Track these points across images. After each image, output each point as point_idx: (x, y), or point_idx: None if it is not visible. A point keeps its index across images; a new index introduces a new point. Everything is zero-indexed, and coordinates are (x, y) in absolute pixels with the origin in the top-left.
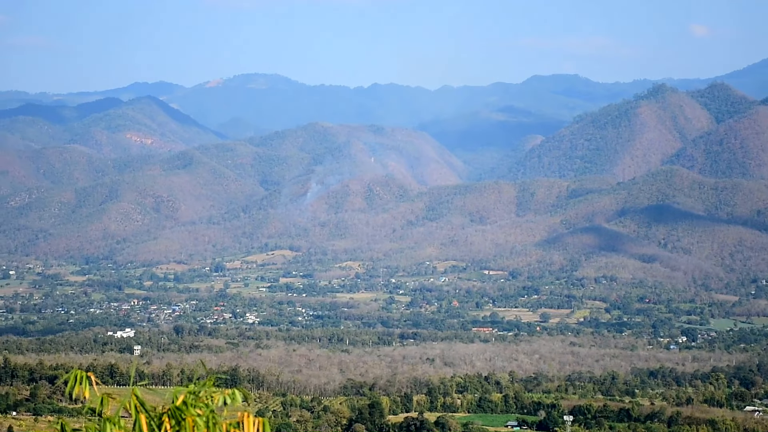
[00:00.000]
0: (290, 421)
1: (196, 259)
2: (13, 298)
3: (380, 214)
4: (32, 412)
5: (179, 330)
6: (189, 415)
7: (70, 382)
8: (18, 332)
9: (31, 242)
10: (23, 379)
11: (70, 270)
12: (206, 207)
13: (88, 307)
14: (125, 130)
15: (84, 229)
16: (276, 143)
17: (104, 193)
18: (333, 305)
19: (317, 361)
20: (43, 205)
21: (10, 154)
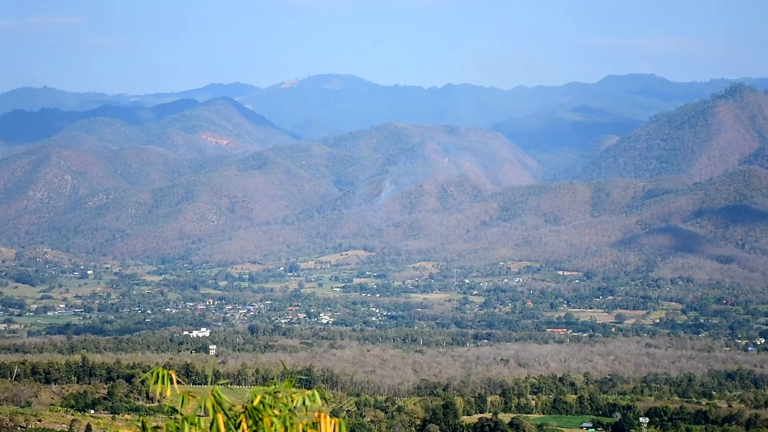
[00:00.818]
0: (364, 421)
1: (270, 259)
2: (91, 297)
3: (454, 214)
4: (110, 411)
5: (254, 330)
6: (266, 416)
7: (152, 380)
8: (96, 331)
9: (109, 242)
10: (101, 378)
11: (147, 270)
12: (281, 207)
13: (165, 307)
14: (201, 131)
15: (160, 230)
16: (350, 144)
17: (180, 194)
18: (407, 305)
19: (391, 361)
20: (121, 205)
21: (88, 155)
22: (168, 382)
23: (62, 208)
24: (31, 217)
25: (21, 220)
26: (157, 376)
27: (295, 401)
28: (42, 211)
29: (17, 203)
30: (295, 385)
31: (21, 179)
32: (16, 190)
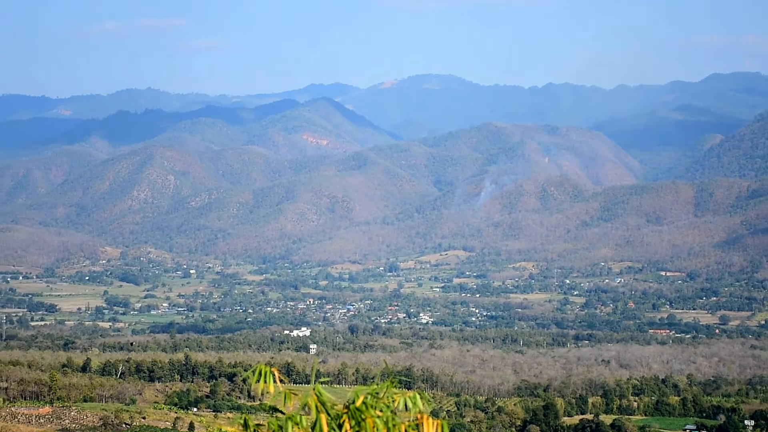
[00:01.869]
0: (464, 422)
1: (370, 259)
2: (193, 296)
3: (554, 214)
4: (212, 409)
5: (354, 329)
6: (369, 416)
7: (254, 377)
8: (198, 330)
9: (211, 242)
10: (203, 377)
11: (248, 269)
12: (380, 207)
13: (266, 306)
14: (301, 131)
15: (261, 229)
16: (450, 143)
17: (281, 194)
18: (507, 306)
19: (491, 361)
20: (222, 205)
21: (191, 155)
22: (270, 379)
23: (165, 208)
24: (135, 217)
25: (125, 220)
26: (259, 374)
27: (397, 403)
28: (146, 211)
29: (122, 203)
30: (396, 386)
31: (125, 179)
32: (120, 191)
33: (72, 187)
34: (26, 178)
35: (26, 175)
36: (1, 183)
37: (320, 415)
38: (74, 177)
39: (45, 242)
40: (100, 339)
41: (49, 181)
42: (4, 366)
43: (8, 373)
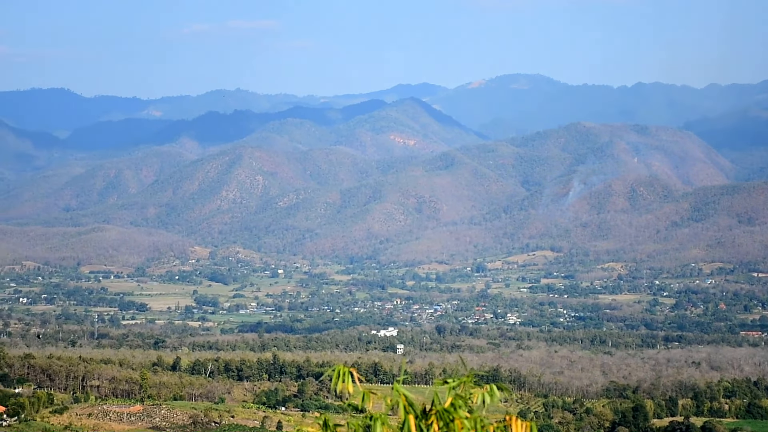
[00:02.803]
0: (552, 423)
1: (457, 260)
2: (281, 296)
3: (643, 214)
4: (300, 408)
5: (441, 329)
6: (458, 417)
7: (334, 377)
8: (286, 330)
9: (299, 242)
10: (291, 376)
11: (336, 269)
12: (467, 207)
13: (353, 306)
14: (389, 132)
15: (348, 229)
16: (537, 143)
17: (368, 194)
18: (595, 306)
19: (579, 362)
20: (310, 205)
21: (279, 155)
22: (350, 380)
23: (254, 208)
24: (224, 217)
25: (214, 220)
26: (338, 373)
27: (475, 399)
28: (234, 211)
29: (211, 203)
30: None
31: (215, 180)
32: (210, 191)
33: (162, 188)
34: (117, 179)
35: (117, 175)
36: (93, 183)
37: (408, 415)
38: (164, 177)
39: (136, 242)
40: (189, 338)
41: (139, 182)
42: (96, 364)
43: (100, 371)
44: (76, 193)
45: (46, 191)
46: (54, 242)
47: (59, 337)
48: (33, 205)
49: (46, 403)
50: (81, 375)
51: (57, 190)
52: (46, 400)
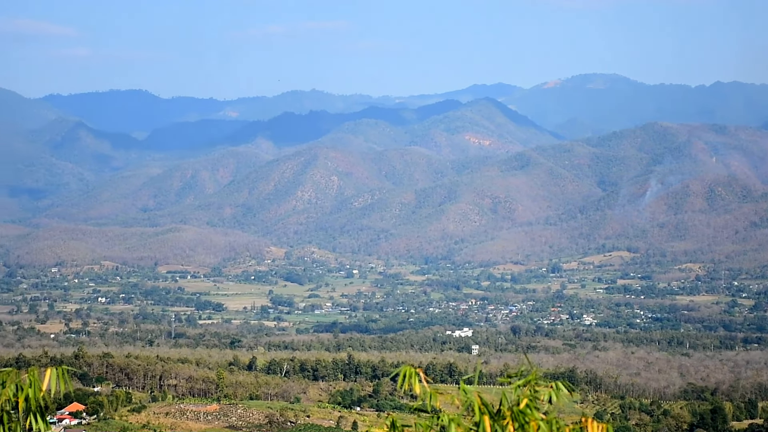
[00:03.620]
0: (629, 425)
1: (532, 260)
2: (356, 296)
3: (722, 215)
4: (375, 408)
5: (516, 330)
6: (533, 419)
7: (400, 378)
8: (361, 330)
9: (373, 242)
10: (366, 376)
11: (410, 269)
12: (543, 208)
13: (428, 306)
14: (464, 132)
15: (423, 230)
16: (614, 143)
17: (443, 194)
18: (672, 307)
19: (656, 364)
20: (385, 205)
21: (354, 155)
22: (416, 380)
23: (329, 209)
24: (300, 217)
25: (290, 220)
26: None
27: (542, 398)
28: (310, 212)
29: (286, 204)
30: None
31: (290, 180)
32: (285, 191)
33: (238, 188)
34: (194, 179)
35: (194, 176)
36: (171, 184)
37: (483, 416)
38: (240, 178)
39: (212, 242)
40: (265, 338)
41: (216, 182)
42: (173, 363)
43: (177, 370)
44: (153, 193)
45: (124, 192)
46: (132, 242)
47: (137, 336)
48: (111, 205)
49: (125, 402)
50: (158, 374)
51: (135, 191)
52: (125, 399)
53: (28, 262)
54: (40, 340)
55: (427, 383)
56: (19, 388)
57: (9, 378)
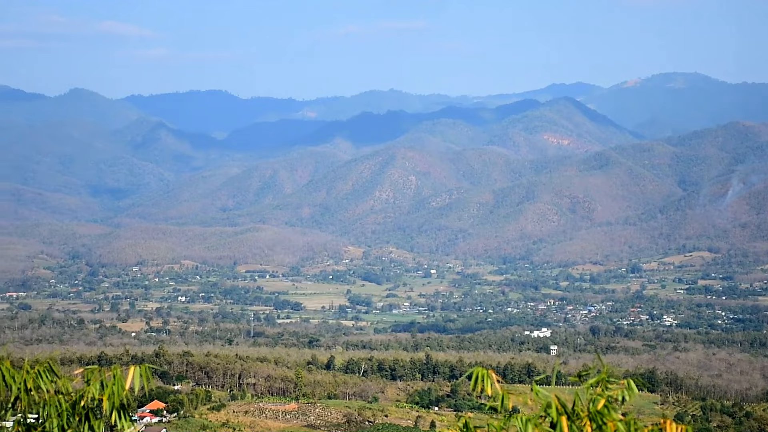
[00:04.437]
0: (710, 426)
1: (611, 260)
2: (434, 296)
3: None
4: (453, 408)
5: (595, 331)
6: (610, 420)
7: (473, 380)
8: (439, 329)
9: (451, 242)
10: (444, 376)
11: (488, 269)
12: (622, 208)
13: (506, 307)
14: (542, 131)
15: (501, 230)
16: (695, 143)
17: (521, 194)
18: (755, 309)
19: (738, 365)
20: (463, 205)
21: (432, 155)
22: (488, 381)
23: (407, 208)
24: (377, 217)
25: (368, 220)
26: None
27: (616, 395)
28: (387, 211)
29: (364, 203)
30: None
31: (368, 180)
32: (363, 191)
33: (316, 188)
34: (273, 179)
35: (273, 176)
36: (250, 184)
37: (561, 417)
38: (318, 177)
39: (290, 242)
40: (343, 337)
41: (294, 182)
42: (252, 362)
43: (256, 369)
44: (232, 193)
45: (203, 191)
46: (211, 242)
47: (216, 335)
48: (191, 205)
49: (204, 400)
50: (237, 373)
51: (214, 191)
52: (204, 397)
53: (109, 261)
54: (121, 339)
55: (499, 384)
56: (104, 385)
57: (93, 376)
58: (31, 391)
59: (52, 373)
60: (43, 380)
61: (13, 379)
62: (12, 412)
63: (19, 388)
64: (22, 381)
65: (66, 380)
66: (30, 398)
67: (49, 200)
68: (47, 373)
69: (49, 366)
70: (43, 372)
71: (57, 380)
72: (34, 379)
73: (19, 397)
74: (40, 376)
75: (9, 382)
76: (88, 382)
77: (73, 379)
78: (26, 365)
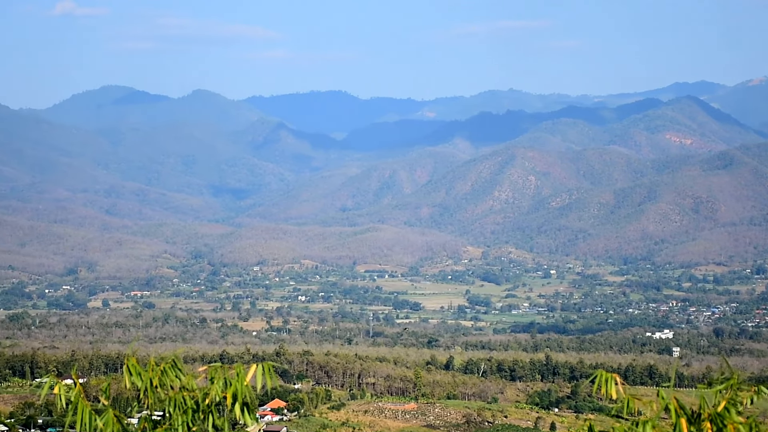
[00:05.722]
0: None
1: (736, 261)
2: (554, 296)
3: None
4: (573, 410)
5: (719, 332)
6: (730, 422)
7: (596, 383)
8: (559, 330)
9: (571, 242)
10: (564, 377)
11: (609, 270)
12: (747, 208)
13: (627, 308)
14: (664, 131)
15: (622, 230)
16: None
17: (642, 194)
18: None
19: None
20: (583, 205)
21: (551, 155)
22: (612, 384)
23: (526, 209)
24: (497, 217)
25: (487, 220)
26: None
27: (745, 401)
28: (507, 212)
29: (483, 204)
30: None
31: (487, 180)
32: (482, 191)
33: (435, 188)
34: (392, 179)
35: (392, 175)
36: (369, 184)
37: (680, 419)
38: (437, 177)
39: (409, 241)
40: (462, 337)
41: (413, 182)
42: (371, 362)
43: (375, 369)
44: (352, 193)
45: (323, 191)
46: (331, 242)
47: (336, 334)
48: (311, 205)
49: (324, 399)
50: (357, 372)
51: (334, 191)
52: (324, 396)
53: (231, 260)
54: (242, 338)
55: (623, 388)
56: (227, 383)
57: (217, 374)
58: (157, 388)
59: (177, 370)
60: (169, 378)
61: (140, 376)
62: (138, 408)
63: (145, 385)
64: (148, 378)
65: (190, 378)
66: (156, 395)
67: (172, 200)
68: (172, 370)
69: (174, 363)
70: (169, 369)
71: (182, 378)
72: (160, 376)
73: (146, 394)
74: (166, 374)
75: (135, 380)
76: (212, 379)
77: (197, 377)
78: (152, 363)
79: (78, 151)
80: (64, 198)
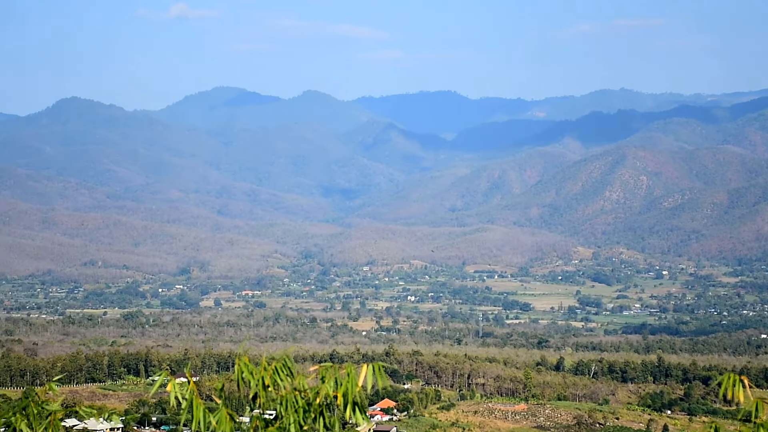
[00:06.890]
0: None
1: None
2: (666, 297)
3: None
4: (686, 412)
5: None
6: None
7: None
8: (671, 332)
9: (684, 243)
10: (677, 379)
11: (723, 271)
12: None
13: (741, 309)
14: None
15: (736, 230)
16: None
17: (758, 194)
18: None
19: None
20: (696, 206)
21: (663, 155)
22: (740, 387)
23: (637, 209)
24: (607, 218)
25: (597, 221)
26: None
27: None
28: (618, 212)
29: (594, 204)
30: None
31: (598, 180)
32: (593, 191)
33: (545, 188)
34: (501, 179)
35: (501, 176)
36: (478, 184)
37: None
38: (547, 178)
39: (519, 242)
40: (572, 338)
41: (523, 182)
42: (481, 362)
43: (485, 369)
44: (461, 193)
45: (432, 192)
46: (440, 242)
47: (445, 334)
48: (420, 205)
49: (434, 400)
50: (466, 373)
51: (443, 191)
52: (434, 397)
53: (340, 260)
54: (352, 337)
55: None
56: (338, 382)
57: (328, 373)
58: (269, 387)
59: (288, 370)
60: (280, 377)
61: (252, 375)
62: (251, 407)
63: (257, 384)
64: (260, 378)
65: (302, 377)
66: (268, 394)
67: (282, 200)
68: (284, 369)
69: (286, 363)
70: (280, 369)
71: (293, 377)
72: (272, 375)
73: (258, 393)
74: (277, 373)
75: (248, 379)
76: (323, 379)
77: (308, 377)
78: (263, 362)
79: (190, 152)
80: (177, 198)
